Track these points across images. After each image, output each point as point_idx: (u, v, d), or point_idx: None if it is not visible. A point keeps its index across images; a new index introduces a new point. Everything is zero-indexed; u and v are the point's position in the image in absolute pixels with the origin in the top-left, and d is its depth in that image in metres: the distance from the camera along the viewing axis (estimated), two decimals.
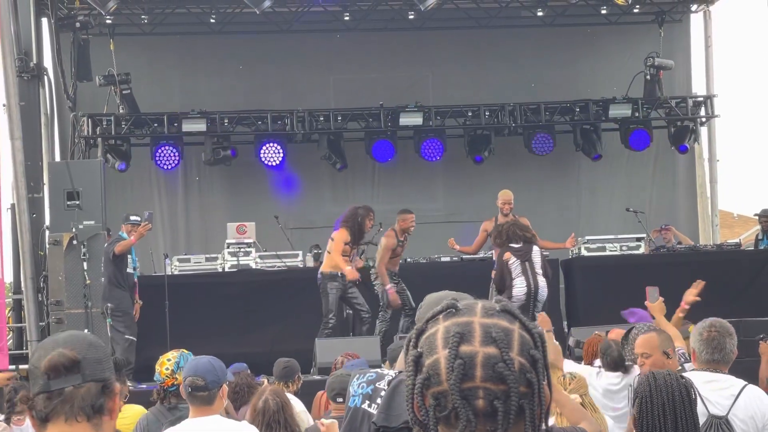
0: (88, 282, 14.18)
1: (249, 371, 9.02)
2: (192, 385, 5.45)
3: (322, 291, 13.80)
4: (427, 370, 1.97)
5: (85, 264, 14.29)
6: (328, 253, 13.95)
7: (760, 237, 18.16)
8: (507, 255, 13.10)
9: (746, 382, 5.46)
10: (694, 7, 21.18)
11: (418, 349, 2.00)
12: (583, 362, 9.56)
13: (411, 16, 19.15)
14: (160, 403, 6.32)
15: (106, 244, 14.09)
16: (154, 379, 6.41)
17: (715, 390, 5.30)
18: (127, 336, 13.48)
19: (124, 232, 13.99)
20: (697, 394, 4.62)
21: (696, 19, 21.49)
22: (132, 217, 14.06)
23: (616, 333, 9.50)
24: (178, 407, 6.12)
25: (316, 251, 17.69)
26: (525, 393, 1.96)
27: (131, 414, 7.51)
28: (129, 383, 10.41)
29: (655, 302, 7.56)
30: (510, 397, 1.94)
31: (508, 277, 13.07)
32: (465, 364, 1.94)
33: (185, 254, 17.13)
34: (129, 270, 13.99)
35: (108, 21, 18.60)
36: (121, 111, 18.46)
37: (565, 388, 6.54)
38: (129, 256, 13.98)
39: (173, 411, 6.11)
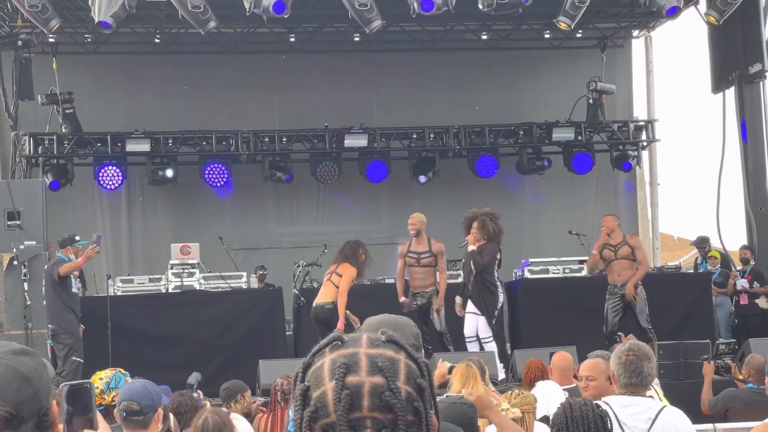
0: (28, 303, 14.01)
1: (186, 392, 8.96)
2: (127, 409, 5.42)
3: (327, 323, 13.44)
4: (315, 402, 1.96)
5: (26, 285, 14.12)
6: (336, 287, 13.56)
7: (699, 261, 18.42)
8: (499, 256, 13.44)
9: (665, 404, 5.50)
10: (635, 33, 21.47)
11: (305, 383, 1.99)
12: (522, 385, 9.64)
13: (356, 39, 19.21)
14: None
15: (46, 266, 13.91)
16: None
17: (632, 414, 5.33)
18: (74, 358, 13.29)
19: (62, 253, 13.75)
20: (613, 424, 4.66)
21: (637, 45, 21.81)
22: (78, 238, 13.87)
23: (560, 355, 9.58)
24: None
25: (261, 272, 17.65)
26: (412, 422, 1.96)
27: None
28: None
29: None
30: (398, 425, 1.94)
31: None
32: (352, 394, 1.94)
33: (128, 275, 17.00)
34: (73, 290, 13.79)
35: (51, 39, 18.47)
36: (63, 130, 18.31)
37: (510, 402, 6.62)
38: (73, 277, 13.80)
39: None
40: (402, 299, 14.12)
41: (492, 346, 13.47)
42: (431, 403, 2.00)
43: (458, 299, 13.75)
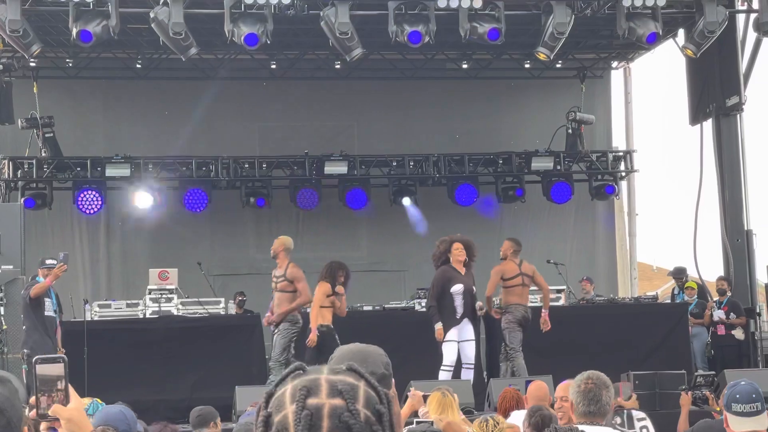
0: (4, 327, 13.96)
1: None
2: None
3: (317, 346, 13.38)
4: (276, 426, 2.01)
5: (2, 309, 14.07)
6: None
7: (676, 292, 18.50)
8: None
9: None
10: (614, 64, 21.63)
11: (268, 410, 2.04)
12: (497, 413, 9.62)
13: (337, 66, 19.29)
14: None
15: (23, 290, 13.86)
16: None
17: None
18: None
19: (40, 276, 13.71)
20: None
21: (616, 75, 21.98)
22: (47, 261, 13.75)
23: (536, 385, 9.60)
24: None
25: (240, 298, 17.64)
26: None
27: None
28: None
29: (628, 399, 7.71)
30: None
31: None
32: (312, 415, 1.98)
33: (106, 300, 16.96)
34: (49, 313, 13.69)
35: (32, 64, 18.48)
36: (43, 154, 18.30)
37: (486, 431, 6.63)
38: (48, 300, 13.70)
39: None
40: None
41: (472, 373, 13.49)
42: (390, 430, 2.04)
43: (439, 326, 13.63)
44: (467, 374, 13.49)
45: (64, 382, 2.94)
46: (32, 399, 2.73)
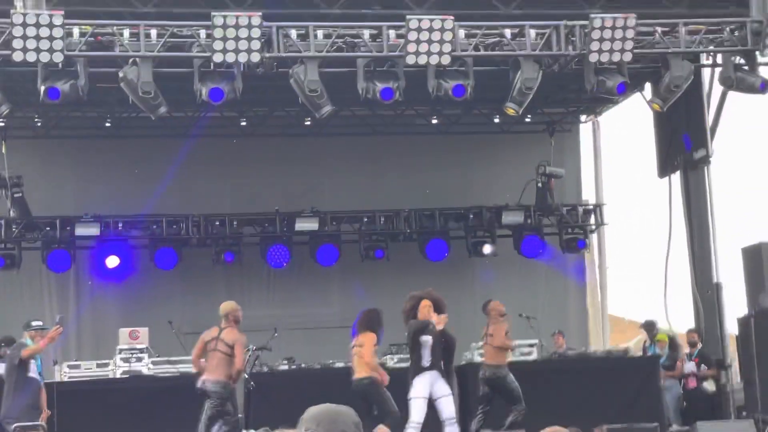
0: None
1: None
2: None
3: (365, 398, 13.18)
4: None
5: None
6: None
7: (647, 344, 18.53)
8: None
9: None
10: (583, 118, 21.82)
11: None
12: None
13: (307, 123, 19.35)
14: None
15: (8, 350, 13.73)
16: None
17: None
18: None
19: (27, 338, 13.61)
20: None
21: (585, 129, 22.14)
22: (33, 323, 13.67)
23: None
24: None
25: None
26: None
27: None
28: None
29: None
30: None
31: None
32: None
33: (75, 360, 16.82)
34: (33, 375, 13.54)
35: (0, 123, 18.44)
36: (12, 215, 18.22)
37: None
38: (33, 362, 13.57)
39: None
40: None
41: (457, 429, 13.36)
42: None
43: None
44: (451, 431, 13.31)
45: None
46: None
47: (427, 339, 13.28)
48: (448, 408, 13.33)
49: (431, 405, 13.30)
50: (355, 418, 3.93)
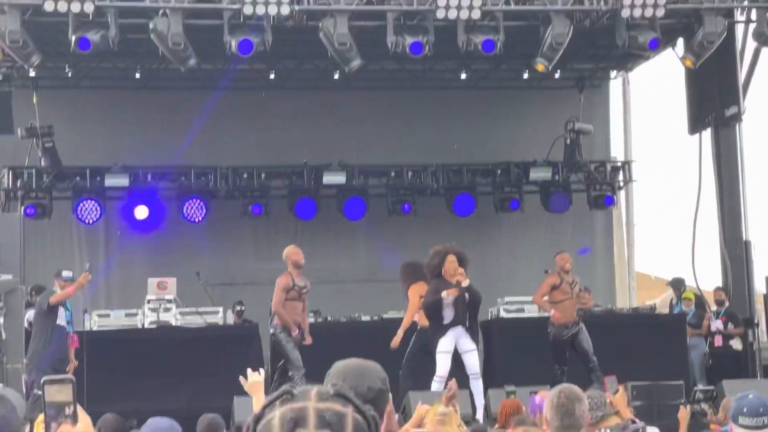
0: (4, 337, 13.93)
1: None
2: None
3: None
4: None
5: (1, 318, 14.06)
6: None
7: (674, 302, 18.51)
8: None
9: None
10: (613, 74, 21.66)
11: None
12: (497, 425, 9.61)
13: (336, 76, 19.30)
14: None
15: (39, 297, 13.90)
16: None
17: None
18: (36, 391, 13.12)
19: (57, 287, 13.77)
20: None
21: (615, 85, 22.00)
22: (64, 273, 13.82)
23: (542, 396, 9.55)
24: None
25: (239, 308, 17.62)
26: None
27: None
28: None
29: (615, 394, 7.67)
30: None
31: None
32: None
33: (105, 310, 16.97)
34: (61, 323, 13.71)
35: (31, 74, 18.49)
36: (42, 164, 18.33)
37: None
38: (62, 309, 13.73)
39: None
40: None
41: (481, 384, 13.45)
42: None
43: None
44: (476, 385, 13.39)
45: (72, 406, 2.95)
46: (39, 420, 2.75)
47: (447, 297, 13.34)
48: (472, 363, 13.43)
49: (459, 359, 13.41)
50: (381, 373, 3.96)
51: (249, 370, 5.62)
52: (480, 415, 13.06)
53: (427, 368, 13.46)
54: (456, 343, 13.44)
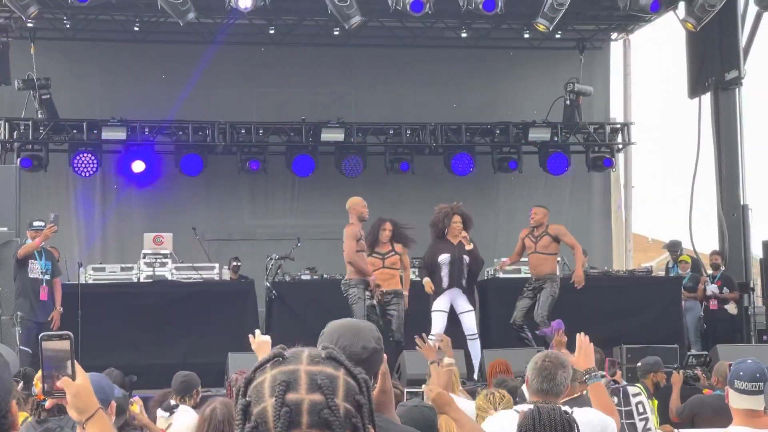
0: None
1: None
2: None
3: None
4: (255, 418, 2.02)
5: None
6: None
7: (670, 265, 18.51)
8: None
9: (572, 409, 5.38)
10: (614, 36, 21.56)
11: (247, 398, 2.05)
12: (486, 385, 9.62)
13: (336, 33, 19.20)
14: (32, 416, 6.28)
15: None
16: (31, 392, 6.33)
17: None
18: (21, 347, 13.06)
19: (29, 238, 13.64)
20: (579, 430, 4.66)
21: (616, 47, 21.91)
22: (35, 223, 13.62)
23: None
24: (48, 420, 6.07)
25: (235, 264, 17.61)
26: None
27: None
28: None
29: (613, 376, 7.68)
30: None
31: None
32: (291, 411, 1.99)
33: (100, 263, 16.96)
34: (34, 275, 13.57)
35: (29, 25, 18.38)
36: (39, 116, 18.25)
37: (495, 407, 6.60)
38: (34, 262, 13.57)
39: (42, 423, 6.07)
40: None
41: (478, 344, 13.49)
42: (370, 419, 2.06)
43: (426, 279, 13.67)
44: (473, 346, 13.43)
45: (71, 362, 2.93)
46: (38, 376, 2.73)
47: (445, 258, 13.36)
48: (469, 323, 13.47)
49: (455, 320, 13.44)
50: (375, 332, 3.95)
51: (257, 331, 5.59)
52: (476, 375, 13.09)
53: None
54: (453, 304, 13.47)
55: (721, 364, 11.01)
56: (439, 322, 13.35)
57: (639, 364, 11.64)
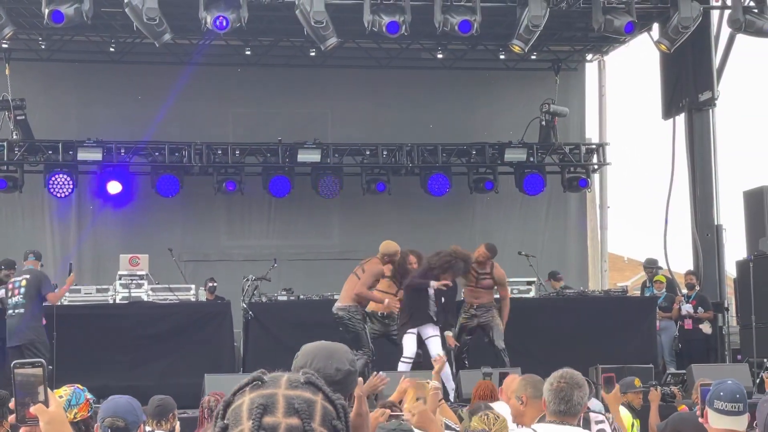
0: None
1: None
2: (112, 426, 5.42)
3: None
4: None
5: None
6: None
7: (647, 285, 18.59)
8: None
9: None
10: (589, 57, 21.68)
11: (225, 421, 2.06)
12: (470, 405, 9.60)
13: (312, 54, 19.25)
14: None
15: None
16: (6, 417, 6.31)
17: None
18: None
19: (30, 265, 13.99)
20: None
21: (591, 68, 22.03)
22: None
23: (512, 378, 9.57)
24: None
25: (211, 284, 17.58)
26: None
27: None
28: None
29: (610, 393, 7.66)
30: None
31: None
32: None
33: (76, 285, 16.88)
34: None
35: (4, 45, 18.35)
36: (14, 137, 18.19)
37: (489, 428, 6.59)
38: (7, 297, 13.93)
39: None
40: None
41: (448, 368, 13.48)
42: None
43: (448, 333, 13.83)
44: (446, 368, 13.44)
45: (44, 389, 2.93)
46: (11, 404, 2.72)
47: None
48: (435, 348, 13.49)
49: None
50: (350, 354, 3.96)
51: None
52: (452, 398, 13.07)
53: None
54: (418, 330, 13.53)
55: (702, 381, 11.03)
56: (410, 344, 13.44)
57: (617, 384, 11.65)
